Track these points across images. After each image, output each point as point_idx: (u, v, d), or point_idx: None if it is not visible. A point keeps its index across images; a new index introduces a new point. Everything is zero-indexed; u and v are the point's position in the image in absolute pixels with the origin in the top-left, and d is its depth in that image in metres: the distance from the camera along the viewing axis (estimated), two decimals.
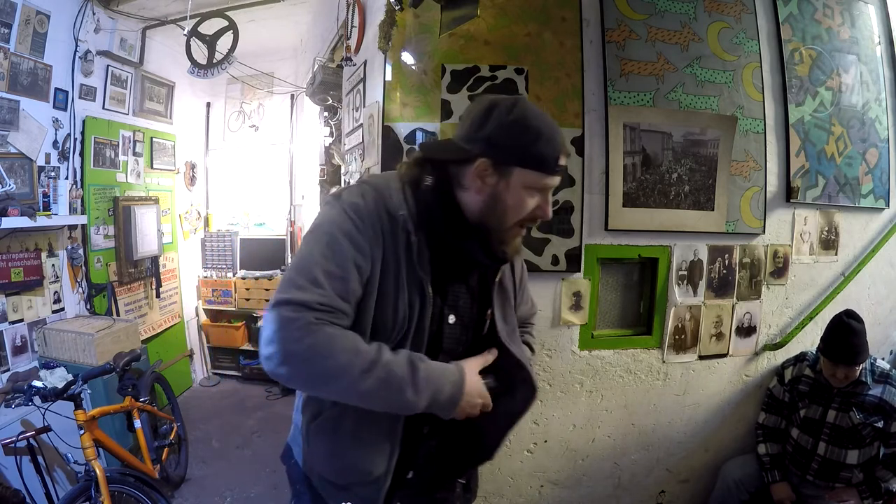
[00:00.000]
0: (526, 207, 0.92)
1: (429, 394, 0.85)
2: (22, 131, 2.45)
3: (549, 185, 0.92)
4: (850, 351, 1.78)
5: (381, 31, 1.83)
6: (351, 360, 0.80)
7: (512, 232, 0.95)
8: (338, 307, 0.82)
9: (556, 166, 0.90)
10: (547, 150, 0.88)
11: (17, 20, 2.38)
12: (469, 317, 1.01)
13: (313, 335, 0.78)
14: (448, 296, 0.98)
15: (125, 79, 3.24)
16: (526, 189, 0.90)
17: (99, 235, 3.06)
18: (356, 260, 0.85)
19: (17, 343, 2.47)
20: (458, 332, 1.00)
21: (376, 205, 0.89)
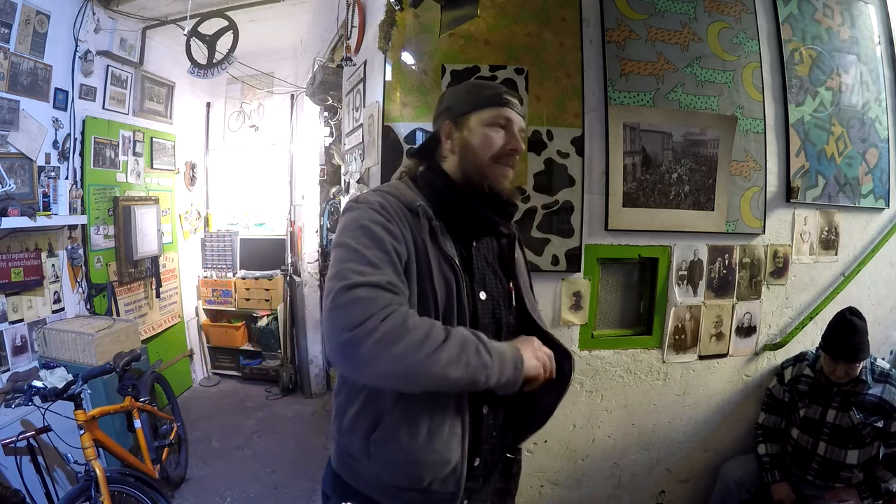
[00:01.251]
0: (492, 141, 1.01)
1: (497, 364, 0.87)
2: (22, 131, 2.45)
3: (503, 115, 1.02)
4: (852, 348, 1.78)
5: (381, 31, 1.83)
6: (430, 331, 0.82)
7: (493, 170, 1.02)
8: (400, 286, 0.87)
9: (503, 99, 1.03)
10: (490, 91, 1.05)
11: (17, 20, 2.38)
12: (498, 292, 1.06)
13: (397, 312, 0.81)
14: (475, 275, 1.03)
15: (125, 79, 3.24)
16: (486, 127, 1.02)
17: (99, 235, 3.06)
18: (394, 245, 0.90)
19: (17, 343, 2.47)
20: (490, 307, 1.04)
21: (396, 201, 0.97)
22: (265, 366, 4.19)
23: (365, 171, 2.10)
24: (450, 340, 0.83)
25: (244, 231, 4.40)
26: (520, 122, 1.05)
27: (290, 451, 3.07)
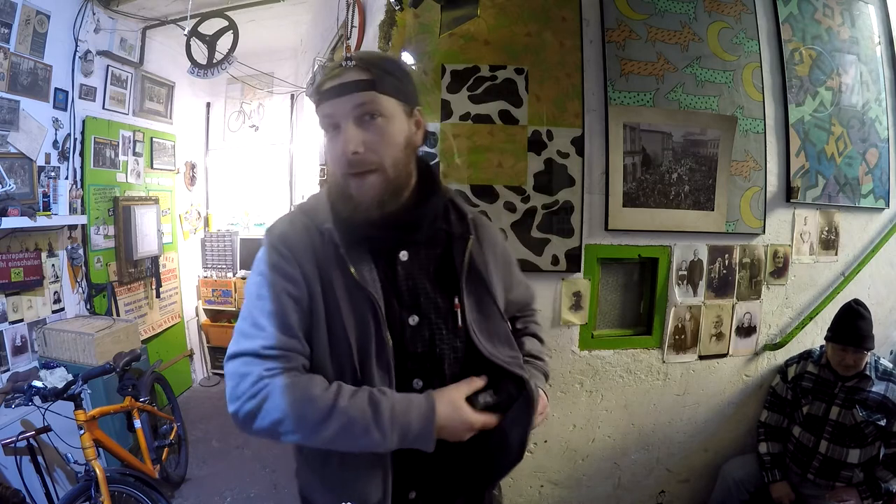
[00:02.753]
0: (331, 153, 0.84)
1: (398, 433, 0.78)
2: (22, 131, 2.45)
3: (325, 113, 0.83)
4: (859, 333, 1.80)
5: (381, 31, 1.83)
6: (306, 411, 0.76)
7: (350, 185, 0.83)
8: (284, 346, 0.80)
9: (320, 93, 0.82)
10: (315, 82, 0.86)
11: (17, 20, 2.37)
12: (437, 313, 0.89)
13: (265, 390, 0.76)
14: (403, 296, 0.88)
15: (125, 79, 3.23)
16: (324, 134, 0.86)
17: (99, 235, 3.06)
18: (288, 290, 0.82)
19: (17, 343, 2.47)
20: (425, 333, 0.88)
21: (306, 227, 0.86)
22: None
23: None
24: (330, 422, 0.76)
25: (244, 231, 4.39)
26: (348, 106, 0.80)
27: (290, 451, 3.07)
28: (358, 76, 0.80)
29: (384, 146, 0.82)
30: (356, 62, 0.81)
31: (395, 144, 0.83)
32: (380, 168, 0.82)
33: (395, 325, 0.86)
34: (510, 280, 1.06)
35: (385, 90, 0.81)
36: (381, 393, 0.80)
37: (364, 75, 0.80)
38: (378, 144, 0.81)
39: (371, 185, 0.82)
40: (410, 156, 0.88)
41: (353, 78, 0.80)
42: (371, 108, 0.81)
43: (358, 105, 0.80)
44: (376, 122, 0.81)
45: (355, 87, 0.80)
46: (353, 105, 0.80)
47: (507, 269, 1.05)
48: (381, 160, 0.82)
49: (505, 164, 1.82)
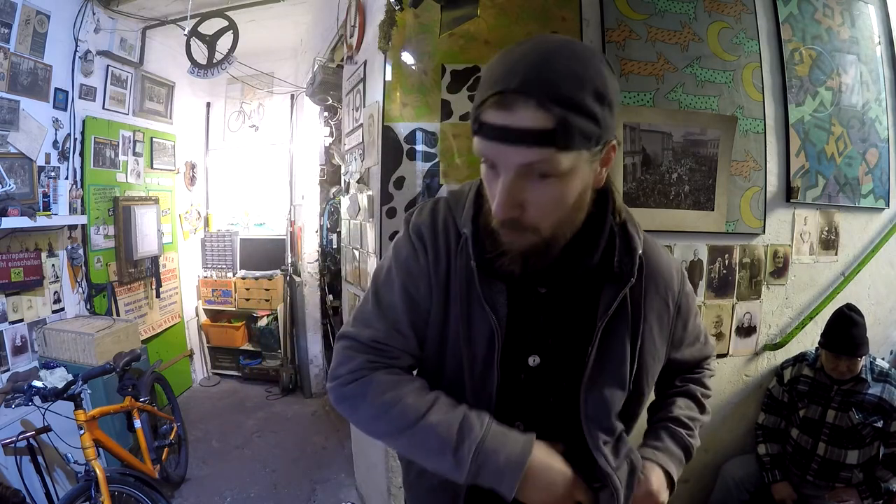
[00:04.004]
0: (488, 193, 0.68)
1: (475, 468, 0.68)
2: (22, 131, 2.45)
3: (476, 149, 0.65)
4: (853, 342, 1.79)
5: (381, 31, 1.83)
6: (393, 413, 0.72)
7: (498, 230, 0.69)
8: (391, 344, 0.77)
9: (475, 122, 0.63)
10: (481, 92, 0.62)
11: (17, 20, 2.38)
12: (564, 358, 0.75)
13: (362, 381, 0.75)
14: (528, 332, 0.75)
15: (125, 79, 3.24)
16: (482, 163, 0.67)
17: (99, 235, 3.06)
18: (411, 287, 0.77)
19: (17, 343, 2.47)
20: (543, 378, 0.76)
21: (445, 222, 0.77)
22: (265, 366, 4.19)
23: (365, 171, 2.10)
24: (409, 432, 0.71)
25: (244, 231, 4.39)
26: (514, 159, 0.60)
27: (290, 451, 3.07)
28: (535, 121, 0.57)
29: (549, 210, 0.65)
30: (537, 94, 0.57)
31: (565, 206, 0.66)
32: (536, 232, 0.66)
33: (513, 362, 0.75)
34: (682, 335, 0.88)
35: (570, 144, 0.59)
36: (479, 420, 0.71)
37: (544, 121, 0.57)
38: (541, 210, 0.64)
39: (522, 243, 0.68)
40: (585, 200, 0.70)
41: (528, 125, 0.58)
42: (544, 168, 0.60)
43: (527, 164, 0.60)
44: (547, 182, 0.62)
45: (529, 138, 0.58)
46: (522, 161, 0.60)
47: (680, 323, 0.86)
48: (541, 225, 0.66)
49: None
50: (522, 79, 0.57)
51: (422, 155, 1.82)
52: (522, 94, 0.57)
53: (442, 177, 1.81)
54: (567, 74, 0.58)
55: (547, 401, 0.76)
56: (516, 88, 0.58)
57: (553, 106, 0.57)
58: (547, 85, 0.57)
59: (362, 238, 2.17)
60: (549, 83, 0.57)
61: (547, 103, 0.57)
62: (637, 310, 0.76)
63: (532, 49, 0.60)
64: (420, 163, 1.82)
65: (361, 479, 2.54)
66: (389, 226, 1.83)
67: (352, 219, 2.39)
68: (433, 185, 1.81)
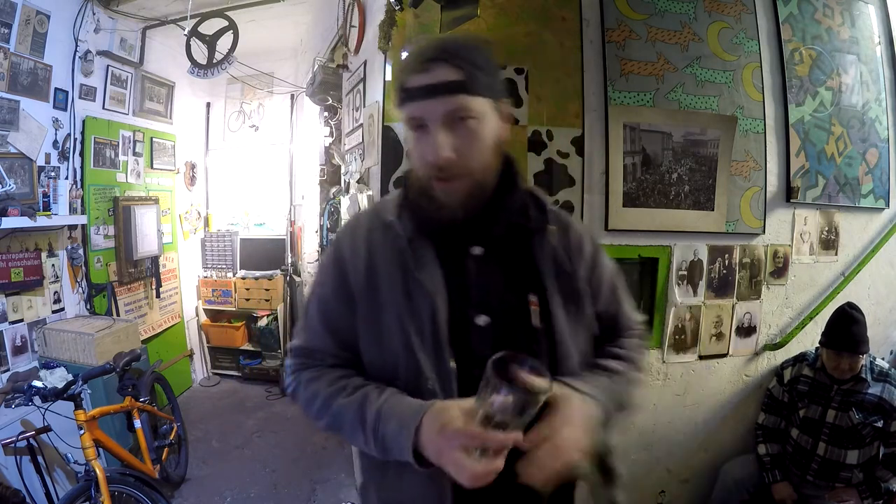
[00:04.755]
0: (416, 152, 0.79)
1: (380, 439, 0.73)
2: (22, 131, 2.45)
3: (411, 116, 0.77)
4: (854, 339, 1.79)
5: (381, 31, 1.83)
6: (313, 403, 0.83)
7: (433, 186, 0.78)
8: (315, 347, 0.87)
9: (406, 91, 0.76)
10: (400, 75, 0.78)
11: (17, 20, 2.37)
12: (509, 312, 0.80)
13: (295, 381, 0.87)
14: (472, 293, 0.80)
15: (125, 79, 3.23)
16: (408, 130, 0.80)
17: (99, 235, 3.06)
18: (330, 296, 0.86)
19: (17, 343, 2.47)
20: (493, 333, 0.79)
21: (370, 223, 0.86)
22: (265, 366, 4.19)
23: (365, 171, 2.10)
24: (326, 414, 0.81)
25: (244, 231, 4.39)
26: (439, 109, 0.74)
27: (290, 451, 3.07)
28: (448, 75, 0.73)
29: (474, 150, 0.76)
30: (445, 57, 0.74)
31: (484, 147, 0.77)
32: (468, 173, 0.77)
33: (462, 327, 0.78)
34: (599, 288, 0.91)
35: (476, 90, 0.75)
36: (380, 394, 0.76)
37: (455, 74, 0.73)
38: (468, 149, 0.75)
39: (457, 190, 0.77)
40: (497, 152, 0.81)
41: (444, 78, 0.73)
42: (462, 112, 0.74)
43: (450, 110, 0.74)
44: (467, 124, 0.75)
45: (446, 88, 0.73)
46: (445, 109, 0.74)
47: (596, 272, 0.90)
48: (470, 165, 0.76)
49: None
50: (435, 50, 0.75)
51: None
52: (436, 59, 0.74)
53: None
54: (466, 46, 0.78)
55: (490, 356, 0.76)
56: (432, 57, 0.74)
57: (460, 63, 0.74)
58: (453, 51, 0.75)
59: None
60: (455, 50, 0.75)
61: (456, 61, 0.74)
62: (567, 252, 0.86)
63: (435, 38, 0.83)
64: None
65: None
66: None
67: None
68: None
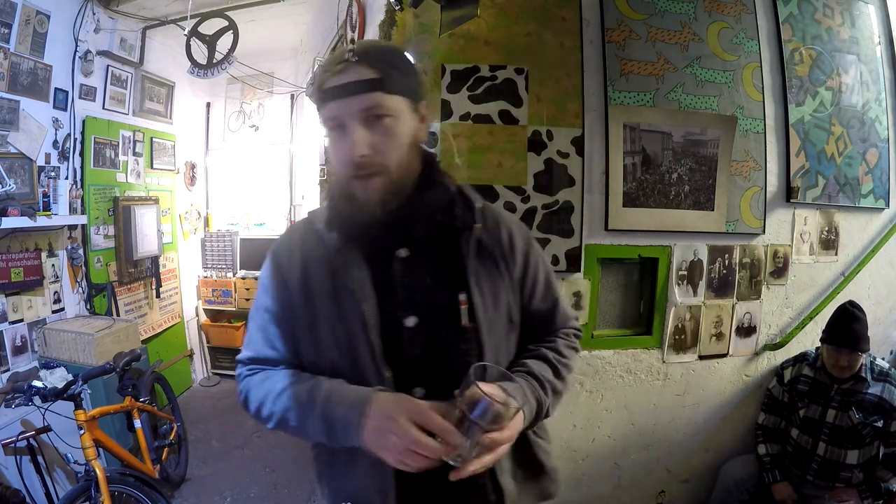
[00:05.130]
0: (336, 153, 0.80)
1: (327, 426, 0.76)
2: (22, 131, 2.45)
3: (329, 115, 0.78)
4: (854, 335, 1.79)
5: (381, 31, 1.83)
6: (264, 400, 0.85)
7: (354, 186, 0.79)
8: (261, 356, 0.90)
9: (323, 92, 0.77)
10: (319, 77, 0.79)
11: (17, 20, 2.37)
12: (436, 312, 0.81)
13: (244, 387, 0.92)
14: (398, 295, 0.81)
15: (125, 79, 3.23)
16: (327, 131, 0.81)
17: (99, 235, 3.06)
18: (268, 305, 0.88)
19: (17, 343, 2.47)
20: (424, 334, 0.81)
21: (303, 233, 0.88)
22: None
23: None
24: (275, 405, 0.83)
25: (244, 231, 4.39)
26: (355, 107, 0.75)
27: (290, 451, 3.07)
28: (363, 74, 0.75)
29: (391, 148, 0.77)
30: (360, 57, 0.76)
31: (401, 145, 0.79)
32: (385, 170, 0.78)
33: (391, 328, 0.80)
34: (534, 289, 0.93)
35: (392, 89, 0.77)
36: (327, 382, 0.80)
37: (370, 73, 0.75)
38: (385, 146, 0.77)
39: (376, 187, 0.78)
40: (415, 152, 0.83)
41: (359, 77, 0.75)
42: (378, 110, 0.76)
43: (365, 108, 0.75)
44: (383, 122, 0.76)
45: (361, 87, 0.75)
46: (361, 107, 0.75)
47: (529, 271, 0.91)
48: (387, 162, 0.77)
49: (505, 164, 1.81)
50: (350, 52, 0.76)
51: None
52: (353, 60, 0.76)
53: None
54: (381, 48, 0.84)
55: (434, 356, 0.81)
56: (346, 58, 0.76)
57: (376, 63, 0.76)
58: (370, 52, 0.78)
59: None
60: (370, 51, 0.78)
61: (372, 62, 0.76)
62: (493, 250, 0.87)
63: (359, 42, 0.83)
64: None
65: None
66: None
67: None
68: None
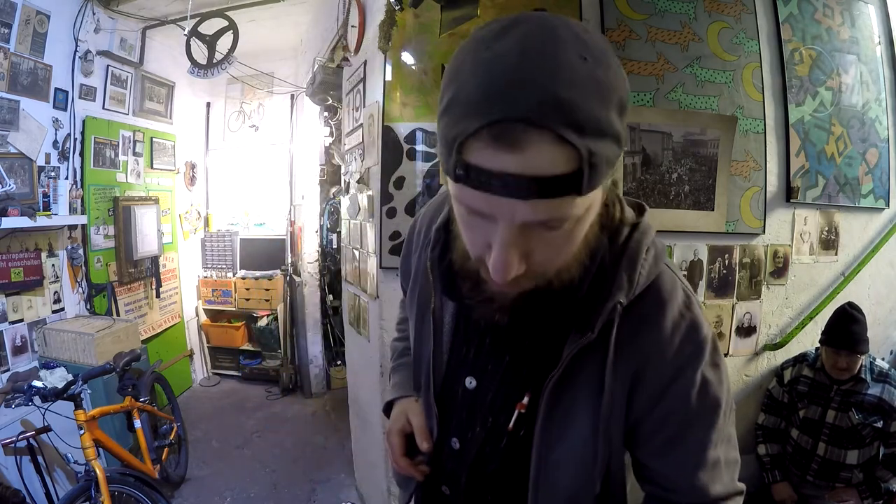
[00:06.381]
0: (468, 238, 0.53)
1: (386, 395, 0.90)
2: (22, 131, 2.45)
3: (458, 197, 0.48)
4: (853, 338, 1.79)
5: (381, 31, 1.83)
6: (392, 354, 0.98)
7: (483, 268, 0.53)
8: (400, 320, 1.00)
9: (457, 165, 0.44)
10: (457, 125, 0.43)
11: (17, 20, 2.37)
12: (494, 393, 0.66)
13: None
14: (470, 349, 0.68)
15: (125, 79, 3.23)
16: (459, 207, 0.50)
17: (99, 235, 3.06)
18: (401, 281, 0.92)
19: (17, 343, 2.47)
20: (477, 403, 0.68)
21: (429, 220, 0.75)
22: (265, 366, 4.19)
23: (365, 171, 2.10)
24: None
25: (244, 231, 4.39)
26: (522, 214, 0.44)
27: (290, 451, 3.07)
28: (554, 164, 0.42)
29: (559, 257, 0.51)
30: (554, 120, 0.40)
31: (567, 254, 0.52)
32: (542, 277, 0.53)
33: (453, 380, 0.71)
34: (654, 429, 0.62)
35: (594, 182, 0.44)
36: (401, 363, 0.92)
37: (565, 161, 0.42)
38: (550, 257, 0.50)
39: (515, 293, 0.54)
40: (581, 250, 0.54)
41: (546, 170, 0.42)
42: (558, 222, 0.46)
43: (541, 222, 0.46)
44: (559, 230, 0.47)
45: (546, 187, 0.42)
46: (532, 219, 0.45)
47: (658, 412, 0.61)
48: (546, 271, 0.52)
49: None
50: (529, 99, 0.39)
51: (422, 155, 1.82)
52: (533, 124, 0.40)
53: (442, 177, 1.81)
54: (588, 84, 0.41)
55: (475, 429, 0.69)
56: (523, 116, 0.40)
57: (576, 137, 0.40)
58: (567, 106, 0.40)
59: (362, 238, 2.17)
60: (569, 103, 0.40)
61: (569, 134, 0.40)
62: (603, 375, 0.58)
63: (527, 44, 0.41)
64: (420, 163, 1.82)
65: (361, 478, 2.54)
66: (389, 226, 1.83)
67: (352, 219, 2.38)
68: (433, 185, 1.81)
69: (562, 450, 0.61)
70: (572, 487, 0.63)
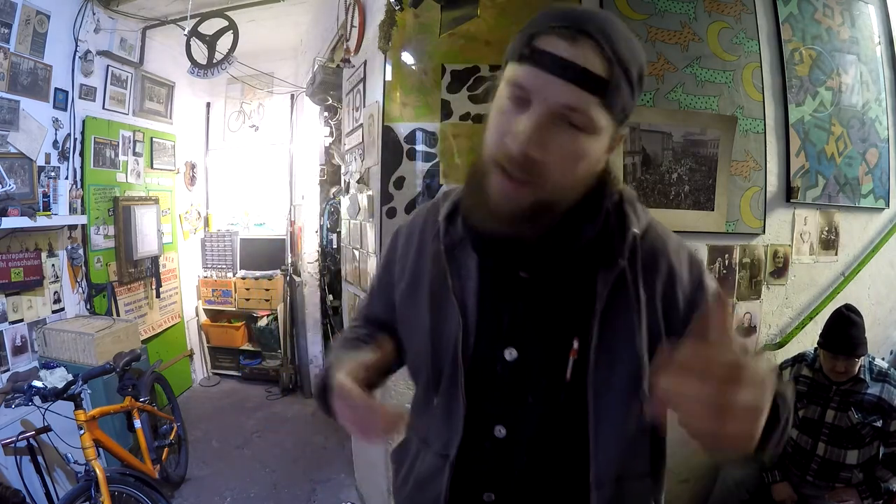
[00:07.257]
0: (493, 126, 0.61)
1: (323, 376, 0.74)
2: (22, 131, 2.45)
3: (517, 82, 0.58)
4: (850, 342, 1.79)
5: (381, 31, 1.83)
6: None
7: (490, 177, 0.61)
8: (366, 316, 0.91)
9: (525, 47, 0.58)
10: (535, 26, 0.59)
11: (17, 20, 2.37)
12: (542, 353, 0.68)
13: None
14: (504, 323, 0.69)
15: (125, 79, 3.24)
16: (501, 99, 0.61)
17: (99, 235, 3.06)
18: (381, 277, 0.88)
19: (17, 343, 2.47)
20: (522, 373, 0.68)
21: (426, 217, 0.79)
22: (265, 366, 4.19)
23: (365, 171, 2.10)
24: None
25: (244, 231, 4.39)
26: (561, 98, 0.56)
27: (290, 451, 3.07)
28: (593, 66, 0.56)
29: (563, 165, 0.59)
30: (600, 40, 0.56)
31: (576, 168, 0.60)
32: (541, 186, 0.59)
33: (487, 356, 0.69)
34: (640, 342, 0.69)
35: (611, 105, 0.58)
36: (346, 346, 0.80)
37: (601, 69, 0.56)
38: (558, 161, 0.58)
39: (517, 198, 0.60)
40: (585, 178, 0.64)
41: (588, 65, 0.56)
42: (579, 118, 0.57)
43: (569, 106, 0.56)
44: (574, 135, 0.58)
45: (582, 79, 0.56)
46: (564, 101, 0.56)
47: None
48: (550, 178, 0.59)
49: None
50: (593, 25, 0.57)
51: (422, 155, 1.82)
52: (592, 37, 0.56)
53: (442, 177, 1.82)
54: (627, 41, 0.59)
55: (525, 401, 0.68)
56: (587, 30, 0.56)
57: (613, 59, 0.57)
58: (612, 40, 0.57)
59: (362, 238, 2.17)
60: (614, 40, 0.57)
61: (610, 54, 0.57)
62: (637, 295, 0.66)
63: (596, 10, 0.63)
64: (420, 163, 1.82)
65: (361, 478, 2.54)
66: (389, 226, 1.83)
67: (352, 219, 2.39)
68: (433, 185, 1.81)
69: (615, 382, 0.66)
70: (627, 423, 0.67)
